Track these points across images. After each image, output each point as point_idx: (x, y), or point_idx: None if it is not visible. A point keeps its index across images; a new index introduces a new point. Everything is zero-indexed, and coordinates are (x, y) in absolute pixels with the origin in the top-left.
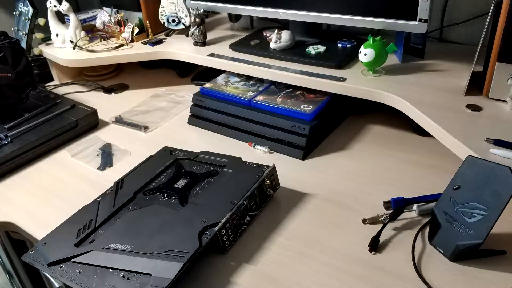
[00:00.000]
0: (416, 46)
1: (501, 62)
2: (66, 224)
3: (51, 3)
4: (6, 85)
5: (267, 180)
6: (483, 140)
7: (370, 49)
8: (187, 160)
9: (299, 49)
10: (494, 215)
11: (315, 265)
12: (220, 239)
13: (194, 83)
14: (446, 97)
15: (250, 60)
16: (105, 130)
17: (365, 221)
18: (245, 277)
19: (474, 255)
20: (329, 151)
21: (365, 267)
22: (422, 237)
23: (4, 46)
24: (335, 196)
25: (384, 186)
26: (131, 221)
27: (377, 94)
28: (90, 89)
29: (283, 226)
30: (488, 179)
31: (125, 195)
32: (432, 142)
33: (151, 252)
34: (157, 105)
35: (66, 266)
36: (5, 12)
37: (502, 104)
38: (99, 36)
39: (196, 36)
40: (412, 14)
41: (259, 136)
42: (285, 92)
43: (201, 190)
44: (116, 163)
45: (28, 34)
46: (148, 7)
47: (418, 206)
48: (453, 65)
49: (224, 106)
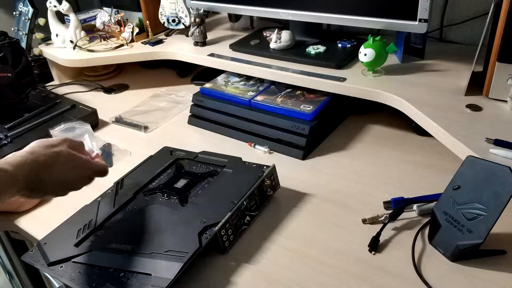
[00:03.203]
0: (416, 46)
1: (501, 62)
2: (66, 224)
3: (51, 3)
4: (6, 85)
5: (267, 180)
6: (483, 140)
7: (370, 49)
8: (187, 160)
9: (299, 49)
10: (494, 215)
11: (315, 265)
12: (220, 239)
13: (194, 83)
14: (446, 97)
15: (250, 60)
16: (105, 130)
17: (365, 221)
18: (245, 277)
19: (474, 255)
20: (329, 151)
21: (365, 267)
22: (422, 237)
23: (4, 46)
24: (335, 196)
25: (384, 186)
26: (131, 221)
27: (377, 94)
28: (90, 89)
29: (283, 226)
30: (488, 179)
31: (125, 195)
32: (432, 142)
33: (151, 252)
34: (157, 105)
35: (66, 266)
36: (5, 12)
37: (502, 104)
38: (99, 36)
39: (196, 36)
40: (412, 14)
41: (259, 136)
42: (285, 92)
43: (201, 190)
44: (116, 163)
45: (28, 34)
46: (148, 7)
47: (418, 206)
48: (453, 65)
49: (224, 106)
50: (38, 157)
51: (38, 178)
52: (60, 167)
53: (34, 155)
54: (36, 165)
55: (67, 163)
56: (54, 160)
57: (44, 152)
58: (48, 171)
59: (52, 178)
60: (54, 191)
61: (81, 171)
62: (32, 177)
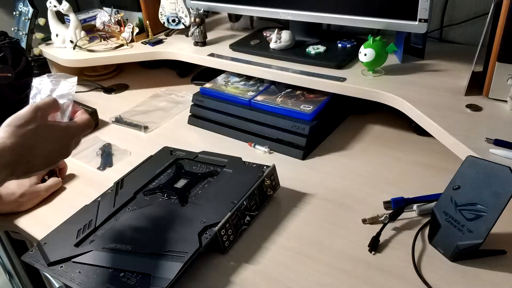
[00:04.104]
0: (416, 46)
1: (501, 62)
2: (66, 224)
3: (51, 3)
4: (6, 85)
5: (267, 180)
6: (483, 140)
7: (370, 49)
8: (187, 160)
9: (299, 49)
10: (494, 215)
11: (315, 265)
12: (220, 239)
13: (194, 83)
14: (446, 97)
15: (250, 60)
16: (105, 130)
17: (365, 221)
18: (245, 277)
19: (474, 255)
20: (329, 151)
21: (365, 267)
22: (422, 237)
23: (4, 46)
24: (335, 196)
25: (384, 186)
26: (131, 221)
27: (377, 94)
28: (90, 89)
29: (283, 226)
30: (488, 179)
31: (125, 195)
32: (432, 142)
33: (151, 252)
34: (157, 105)
35: (66, 266)
36: (5, 12)
37: (502, 104)
38: (99, 36)
39: (196, 36)
40: (412, 14)
41: (259, 136)
42: (285, 92)
43: (201, 190)
44: (116, 163)
45: (28, 34)
46: (148, 7)
47: (418, 206)
48: (453, 65)
49: (224, 106)
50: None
51: (22, 161)
52: (42, 144)
53: (10, 139)
54: (17, 148)
55: (47, 137)
56: (34, 138)
57: (20, 133)
58: (31, 151)
59: (37, 157)
60: (43, 167)
61: (64, 139)
62: (16, 162)
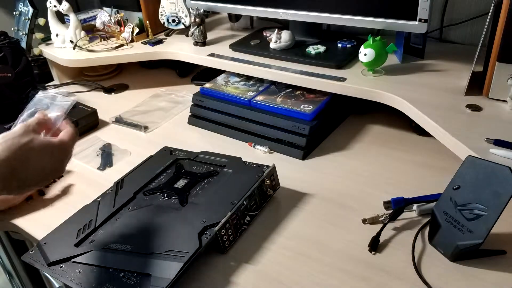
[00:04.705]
0: (416, 46)
1: (501, 62)
2: (66, 224)
3: (51, 3)
4: (6, 85)
5: (267, 180)
6: (483, 140)
7: (370, 49)
8: (187, 160)
9: (299, 49)
10: (494, 215)
11: (315, 265)
12: (220, 239)
13: (194, 83)
14: (446, 97)
15: (250, 60)
16: (105, 130)
17: (365, 221)
18: (245, 277)
19: (474, 255)
20: (329, 151)
21: (365, 267)
22: (422, 237)
23: (4, 46)
24: (335, 196)
25: (384, 186)
26: (131, 221)
27: (377, 94)
28: (90, 89)
29: (283, 226)
30: (488, 179)
31: (125, 195)
32: (432, 142)
33: (151, 252)
34: (157, 105)
35: (66, 266)
36: (5, 12)
37: (502, 104)
38: (99, 36)
39: (196, 36)
40: (412, 14)
41: (259, 136)
42: (285, 92)
43: (201, 190)
44: (116, 163)
45: (28, 34)
46: (148, 7)
47: (418, 206)
48: (453, 65)
49: (224, 106)
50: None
51: (14, 174)
52: (35, 159)
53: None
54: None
55: (40, 152)
56: (27, 153)
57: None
58: (24, 165)
59: (30, 172)
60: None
61: (58, 154)
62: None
